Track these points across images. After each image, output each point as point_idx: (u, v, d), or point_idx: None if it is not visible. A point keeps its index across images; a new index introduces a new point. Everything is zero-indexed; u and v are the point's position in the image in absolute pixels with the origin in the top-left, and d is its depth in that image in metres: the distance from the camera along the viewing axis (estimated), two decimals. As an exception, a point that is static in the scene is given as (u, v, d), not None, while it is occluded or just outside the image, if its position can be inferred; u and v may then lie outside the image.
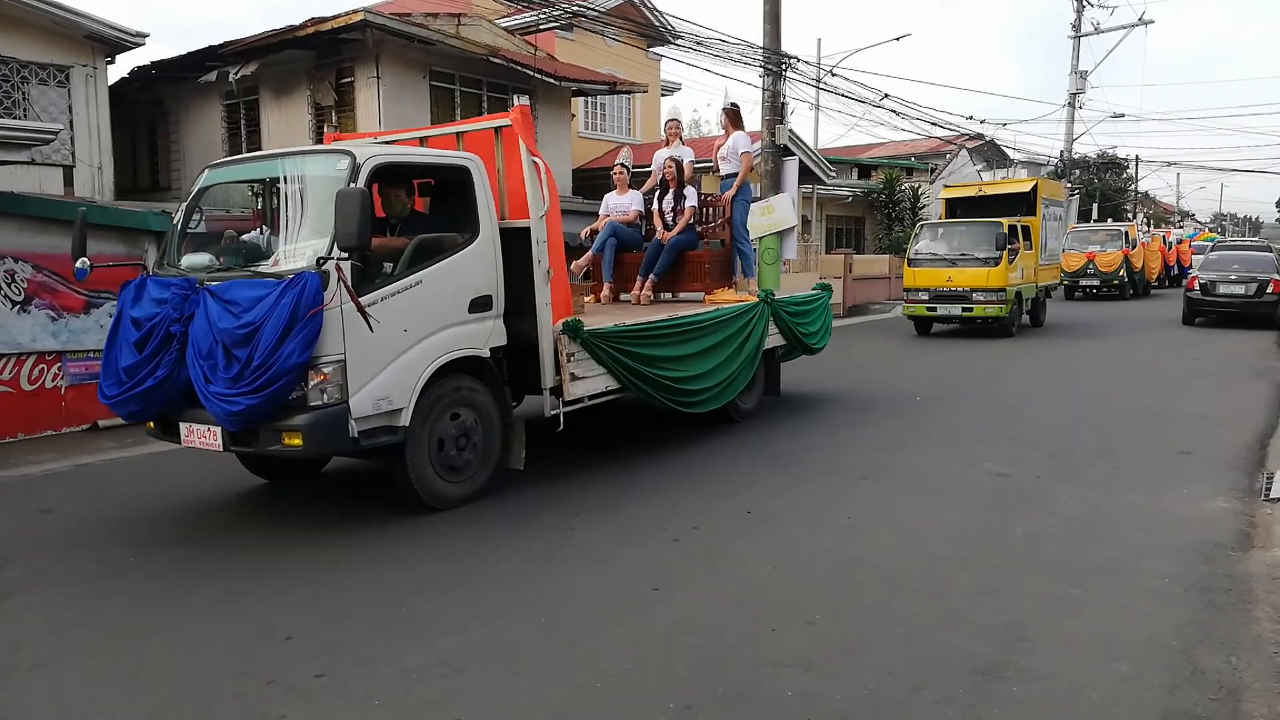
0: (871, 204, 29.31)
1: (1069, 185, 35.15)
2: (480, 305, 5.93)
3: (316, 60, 14.91)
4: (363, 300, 5.14)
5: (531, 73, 16.10)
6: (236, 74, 14.71)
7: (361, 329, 5.13)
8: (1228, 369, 12.00)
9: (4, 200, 8.98)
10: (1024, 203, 17.92)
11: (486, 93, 16.52)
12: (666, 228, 8.85)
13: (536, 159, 6.06)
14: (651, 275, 8.67)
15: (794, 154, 18.18)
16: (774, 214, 16.88)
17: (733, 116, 9.18)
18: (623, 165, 9.47)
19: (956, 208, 18.76)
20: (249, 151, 16.28)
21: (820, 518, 5.68)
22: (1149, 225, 32.41)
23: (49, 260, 9.03)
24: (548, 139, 17.19)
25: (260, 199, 6.72)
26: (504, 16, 18.31)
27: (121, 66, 18.14)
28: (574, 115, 18.87)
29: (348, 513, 5.95)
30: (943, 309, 16.21)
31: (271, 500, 6.30)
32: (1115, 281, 24.78)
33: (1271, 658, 3.68)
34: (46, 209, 9.44)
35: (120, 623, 4.17)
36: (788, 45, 17.05)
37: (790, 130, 17.93)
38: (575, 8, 17.49)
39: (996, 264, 15.53)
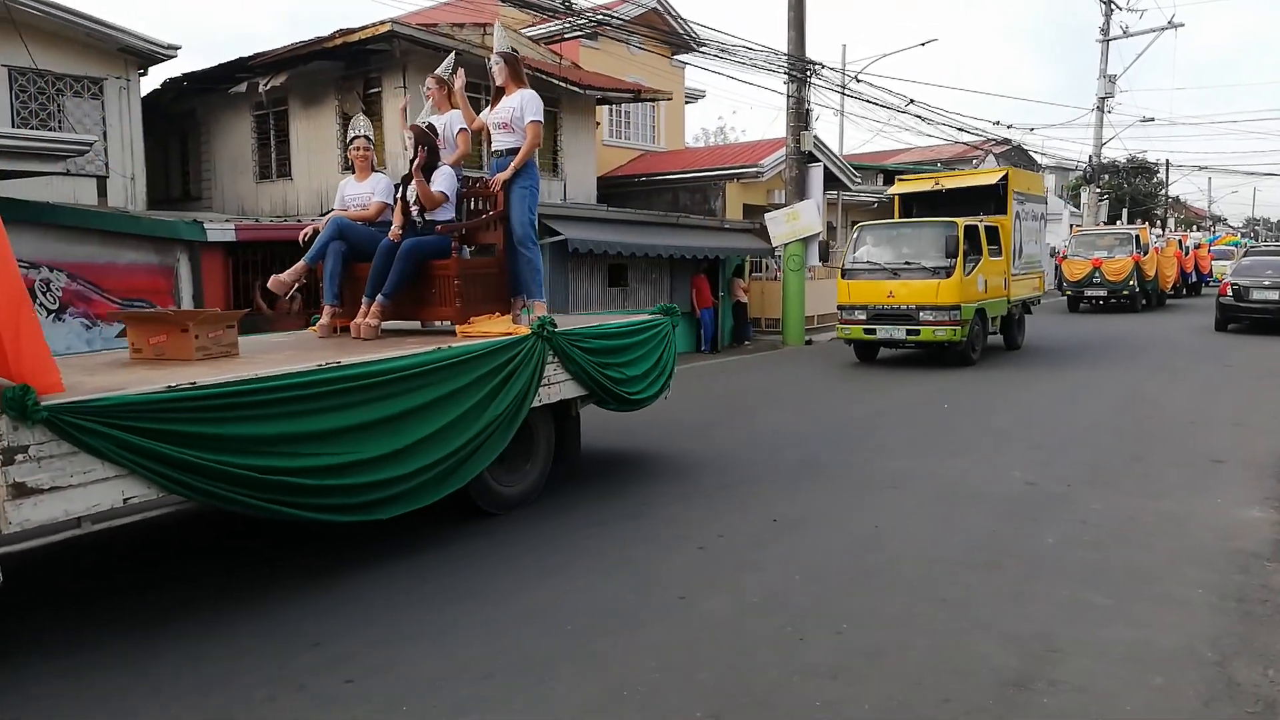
0: (897, 210, 29.14)
1: (1098, 190, 34.84)
2: None
3: (344, 71, 15.08)
4: None
5: (556, 81, 16.18)
6: (266, 85, 14.91)
7: None
8: (1263, 375, 11.78)
9: (40, 210, 9.16)
10: (992, 198, 14.83)
11: (512, 101, 16.63)
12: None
13: None
14: (380, 296, 6.02)
15: (819, 160, 18.18)
16: (799, 221, 17.01)
17: (513, 66, 6.41)
18: (364, 138, 6.75)
19: (913, 207, 15.79)
20: (278, 163, 16.51)
21: (846, 525, 5.65)
22: (1163, 228, 31.49)
23: (83, 269, 9.21)
24: (573, 148, 17.31)
25: None
26: (529, 26, 18.44)
27: (154, 78, 18.50)
28: (598, 123, 18.93)
29: (369, 524, 5.97)
30: (883, 331, 13.18)
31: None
32: (1125, 291, 22.63)
33: (1310, 671, 3.61)
34: (81, 219, 9.64)
35: (150, 627, 4.22)
36: (812, 52, 17.08)
37: (815, 136, 17.92)
38: (600, 17, 17.58)
39: (949, 275, 12.64)
